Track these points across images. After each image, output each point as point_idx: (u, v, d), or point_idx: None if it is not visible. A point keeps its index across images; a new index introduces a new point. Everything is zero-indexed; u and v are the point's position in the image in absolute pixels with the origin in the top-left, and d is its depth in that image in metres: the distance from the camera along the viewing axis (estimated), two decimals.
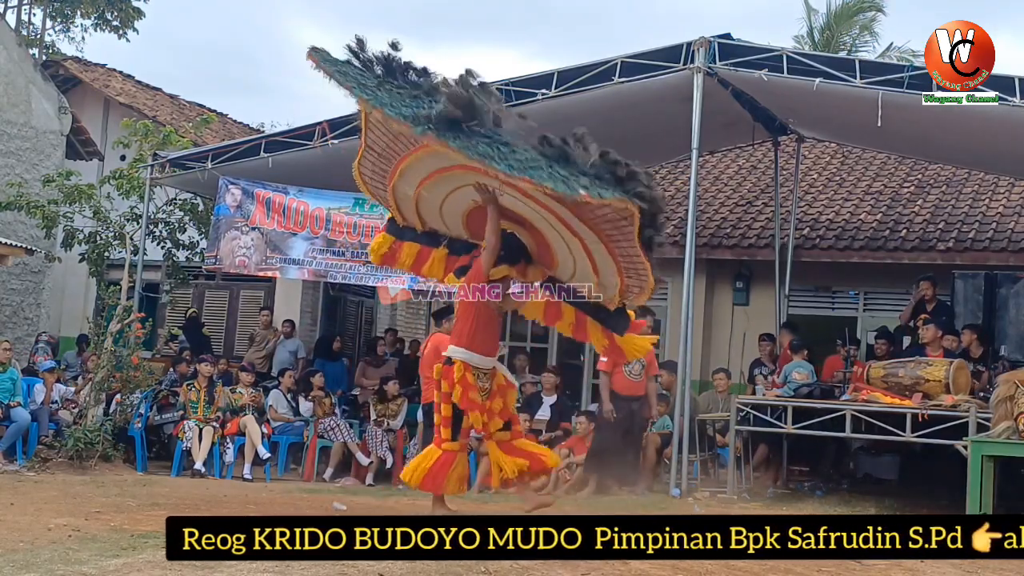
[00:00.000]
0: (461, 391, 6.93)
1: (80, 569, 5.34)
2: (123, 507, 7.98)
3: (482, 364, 7.01)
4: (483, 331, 7.04)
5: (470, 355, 6.99)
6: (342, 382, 13.94)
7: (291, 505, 8.71)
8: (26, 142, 17.17)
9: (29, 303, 17.46)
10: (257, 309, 16.21)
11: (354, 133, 12.07)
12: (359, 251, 12.28)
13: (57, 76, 18.99)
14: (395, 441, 12.35)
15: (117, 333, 12.26)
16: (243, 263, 12.72)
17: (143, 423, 12.10)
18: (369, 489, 11.32)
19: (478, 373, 6.98)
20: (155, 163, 13.50)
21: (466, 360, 6.97)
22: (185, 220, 14.88)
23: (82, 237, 15.00)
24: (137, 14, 26.59)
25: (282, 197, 12.54)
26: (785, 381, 10.71)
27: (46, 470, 10.96)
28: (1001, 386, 8.66)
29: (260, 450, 11.76)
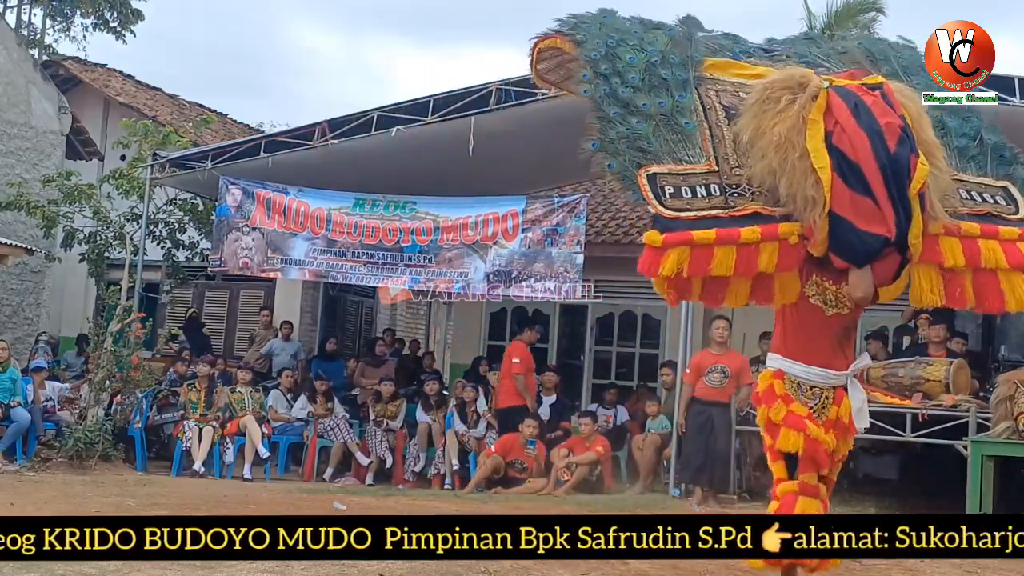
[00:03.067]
0: (765, 409, 5.06)
1: (80, 569, 5.35)
2: (123, 507, 7.99)
3: (807, 377, 5.01)
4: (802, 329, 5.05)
5: (789, 364, 5.08)
6: (339, 382, 13.94)
7: (291, 505, 8.72)
8: (26, 142, 17.17)
9: (29, 303, 17.46)
10: (257, 309, 16.21)
11: (353, 134, 12.14)
12: (359, 251, 12.28)
13: (57, 76, 18.98)
14: (395, 441, 12.35)
15: (117, 333, 12.26)
16: (246, 264, 12.72)
17: (143, 423, 12.10)
18: (369, 489, 11.33)
19: (799, 384, 5.03)
20: (155, 163, 13.51)
21: (780, 369, 5.11)
22: (185, 220, 14.87)
23: (82, 237, 15.00)
24: (136, 16, 26.58)
25: (282, 197, 12.53)
26: None
27: (46, 470, 10.98)
28: (1001, 386, 8.67)
29: (260, 450, 11.75)
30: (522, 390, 11.74)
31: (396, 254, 12.13)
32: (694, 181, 4.81)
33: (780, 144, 4.63)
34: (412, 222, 12.09)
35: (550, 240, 11.62)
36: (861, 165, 4.59)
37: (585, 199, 12.07)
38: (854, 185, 4.57)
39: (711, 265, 4.57)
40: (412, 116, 11.85)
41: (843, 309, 4.87)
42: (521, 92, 11.29)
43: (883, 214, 4.59)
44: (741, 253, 4.59)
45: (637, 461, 11.14)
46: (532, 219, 11.69)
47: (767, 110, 4.74)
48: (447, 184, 12.67)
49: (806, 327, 4.96)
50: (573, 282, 11.51)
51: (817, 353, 4.96)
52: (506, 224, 11.77)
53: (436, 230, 11.99)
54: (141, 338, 12.68)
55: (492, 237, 11.82)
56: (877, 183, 4.59)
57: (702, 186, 4.80)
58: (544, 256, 11.63)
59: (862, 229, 4.60)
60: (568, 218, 11.63)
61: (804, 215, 4.64)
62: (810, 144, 4.60)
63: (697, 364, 10.42)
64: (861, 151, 4.60)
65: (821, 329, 4.94)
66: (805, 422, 4.89)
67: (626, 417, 12.36)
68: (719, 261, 4.57)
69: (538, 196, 12.72)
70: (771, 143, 4.66)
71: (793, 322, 5.00)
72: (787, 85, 4.75)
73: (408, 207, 12.15)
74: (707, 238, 4.54)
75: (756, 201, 4.74)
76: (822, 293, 4.86)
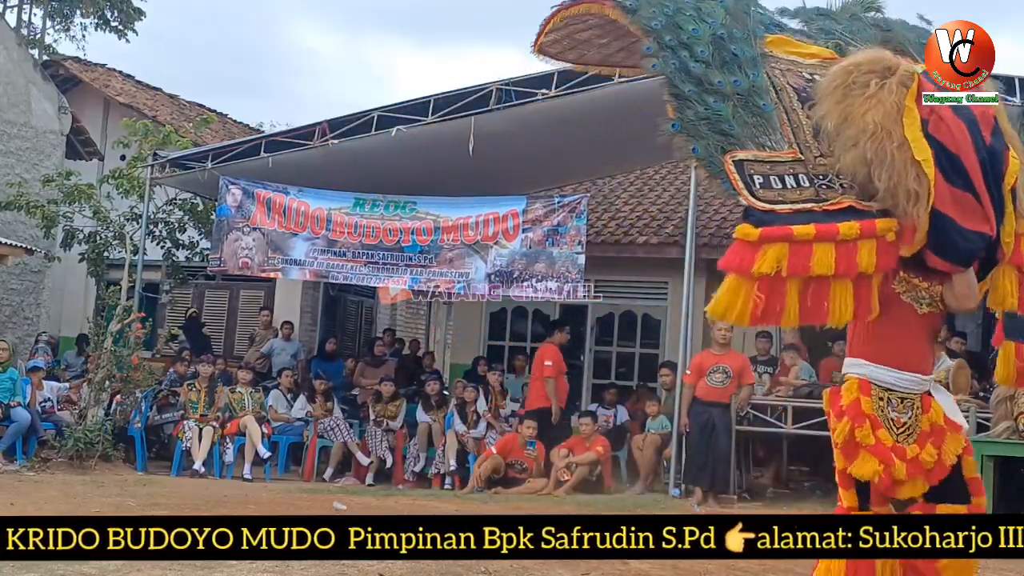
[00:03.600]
0: (849, 426, 4.34)
1: (80, 569, 5.35)
2: (123, 507, 7.99)
3: (897, 384, 4.40)
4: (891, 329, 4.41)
5: (873, 369, 4.42)
6: (339, 382, 13.94)
7: (291, 505, 8.72)
8: (26, 142, 17.17)
9: (29, 303, 17.46)
10: (257, 309, 16.21)
11: (353, 134, 12.14)
12: (360, 251, 12.28)
13: (57, 76, 18.99)
14: (395, 441, 12.35)
15: (117, 333, 12.26)
16: (246, 264, 12.72)
17: (143, 423, 12.10)
18: (369, 489, 11.33)
19: (888, 397, 4.40)
20: (155, 163, 13.51)
21: (866, 377, 4.41)
22: (185, 220, 14.87)
23: (82, 237, 15.00)
24: (138, 14, 26.60)
25: (282, 197, 12.53)
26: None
27: (46, 470, 10.98)
28: (1001, 386, 8.65)
29: (260, 450, 11.75)
30: (550, 394, 11.70)
31: (396, 254, 12.13)
32: (781, 170, 4.37)
33: (875, 133, 4.22)
34: (412, 222, 12.09)
35: (551, 240, 11.62)
36: (961, 157, 4.21)
37: (586, 199, 12.07)
38: (954, 179, 4.18)
39: (811, 263, 4.06)
40: (412, 116, 11.85)
41: (935, 308, 4.43)
42: (521, 92, 11.30)
43: (985, 211, 4.21)
44: (840, 250, 4.11)
45: (637, 461, 11.14)
46: (533, 219, 11.69)
47: (854, 95, 4.28)
48: (447, 184, 12.68)
49: (898, 328, 4.38)
50: (575, 282, 11.51)
51: (910, 356, 4.42)
52: (507, 224, 11.76)
53: (436, 230, 11.98)
54: (141, 338, 12.68)
55: (493, 237, 11.82)
56: (977, 177, 4.21)
57: (790, 176, 4.35)
58: (545, 256, 11.63)
59: (965, 227, 4.19)
60: (569, 218, 11.63)
61: (905, 210, 4.18)
62: (908, 133, 4.19)
63: (699, 364, 10.42)
64: (961, 142, 4.23)
65: (914, 329, 4.43)
66: (891, 455, 4.29)
67: (626, 417, 12.37)
68: (819, 259, 4.07)
69: (538, 196, 12.73)
70: (864, 131, 4.22)
71: (882, 323, 4.36)
72: (873, 68, 4.33)
73: (408, 207, 12.15)
74: (807, 234, 4.08)
75: (848, 195, 4.29)
76: (913, 290, 4.41)
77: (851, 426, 4.32)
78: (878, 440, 4.29)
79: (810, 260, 4.06)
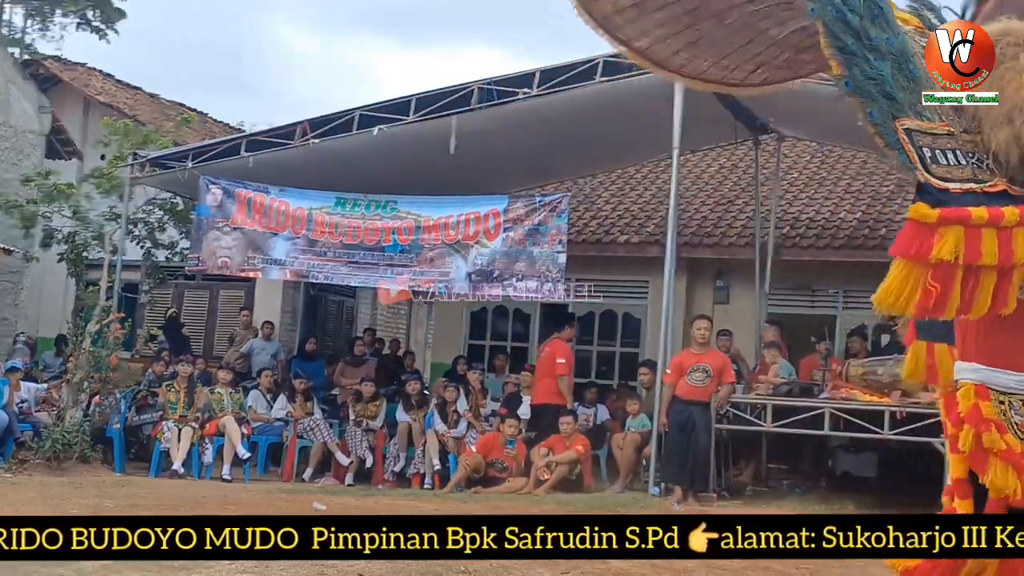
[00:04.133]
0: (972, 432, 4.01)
1: (58, 571, 5.32)
2: (101, 508, 7.95)
3: (1018, 387, 4.07)
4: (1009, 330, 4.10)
5: (990, 373, 4.13)
6: (319, 382, 13.91)
7: (270, 505, 8.69)
8: (5, 141, 17.08)
9: (7, 303, 17.36)
10: (237, 309, 16.16)
11: (334, 133, 12.11)
12: (341, 251, 12.25)
13: (37, 75, 18.91)
14: (375, 441, 12.32)
15: (96, 333, 12.19)
16: (225, 263, 12.66)
17: (122, 424, 12.04)
18: (349, 489, 11.30)
19: (1010, 401, 4.09)
20: (135, 162, 13.44)
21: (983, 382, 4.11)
22: (165, 220, 14.81)
23: (61, 237, 14.93)
24: (118, 15, 26.50)
25: (263, 197, 12.48)
26: None
27: (23, 471, 10.89)
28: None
29: (239, 450, 11.71)
30: (565, 391, 11.65)
31: (377, 254, 12.10)
32: (943, 144, 3.88)
33: None
34: (393, 222, 12.06)
35: (532, 239, 11.62)
36: None
37: (567, 198, 12.08)
38: None
39: (982, 250, 3.62)
40: (394, 115, 11.83)
41: None
42: (503, 91, 11.30)
43: None
44: (1001, 237, 3.68)
45: (617, 460, 11.15)
46: (514, 218, 11.68)
47: (1004, 67, 3.92)
48: (429, 183, 12.66)
49: (1016, 329, 4.02)
50: (555, 281, 11.51)
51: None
52: (488, 223, 11.76)
53: (417, 229, 11.96)
54: (120, 339, 12.62)
55: (474, 236, 11.81)
56: None
57: (950, 151, 3.87)
58: (526, 255, 11.63)
59: None
60: (550, 217, 11.63)
61: None
62: None
63: (679, 364, 10.44)
64: None
65: None
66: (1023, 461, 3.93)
67: (606, 416, 12.36)
68: (986, 246, 3.63)
69: (520, 195, 12.73)
70: (1018, 107, 3.83)
71: (1000, 323, 3.97)
72: (1018, 41, 3.96)
73: (389, 206, 12.13)
74: (981, 217, 3.65)
75: (1000, 177, 3.86)
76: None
77: (975, 432, 3.96)
78: (1008, 446, 3.94)
79: (981, 246, 3.65)
